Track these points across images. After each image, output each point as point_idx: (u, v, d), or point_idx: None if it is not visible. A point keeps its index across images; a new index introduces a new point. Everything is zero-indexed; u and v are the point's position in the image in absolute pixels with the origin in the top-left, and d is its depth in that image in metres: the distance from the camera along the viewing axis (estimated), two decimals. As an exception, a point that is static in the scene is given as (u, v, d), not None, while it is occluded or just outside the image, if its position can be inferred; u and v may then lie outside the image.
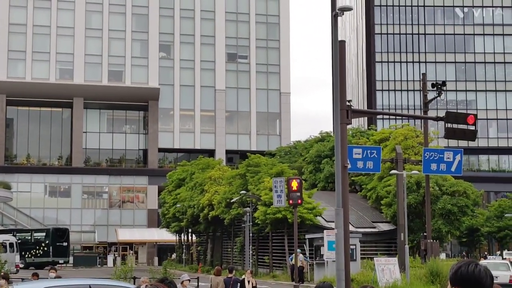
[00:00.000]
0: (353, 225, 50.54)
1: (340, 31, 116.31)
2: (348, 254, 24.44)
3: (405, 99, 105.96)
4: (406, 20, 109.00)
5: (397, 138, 57.53)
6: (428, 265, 39.40)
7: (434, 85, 41.72)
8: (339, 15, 23.28)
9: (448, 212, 54.35)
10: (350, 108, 26.10)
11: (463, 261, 3.89)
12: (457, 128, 33.55)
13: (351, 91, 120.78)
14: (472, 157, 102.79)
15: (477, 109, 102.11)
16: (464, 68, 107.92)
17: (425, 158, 37.91)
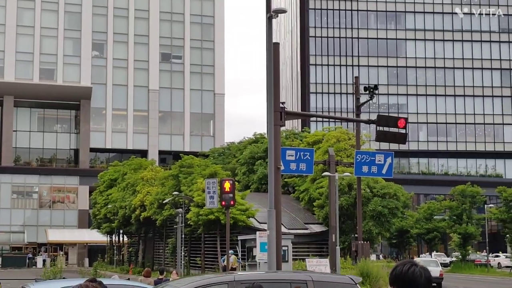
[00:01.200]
0: (286, 227, 50.72)
1: (275, 33, 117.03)
2: (280, 255, 24.50)
3: (338, 102, 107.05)
4: (340, 23, 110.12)
5: (330, 141, 58.01)
6: (358, 266, 39.76)
7: (366, 88, 42.15)
8: (273, 17, 23.33)
9: (378, 214, 55.05)
10: (284, 110, 26.19)
11: (401, 262, 3.95)
12: (388, 131, 34.03)
13: (285, 93, 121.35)
14: (402, 160, 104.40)
15: (408, 112, 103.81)
16: (396, 72, 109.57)
17: (357, 160, 38.33)
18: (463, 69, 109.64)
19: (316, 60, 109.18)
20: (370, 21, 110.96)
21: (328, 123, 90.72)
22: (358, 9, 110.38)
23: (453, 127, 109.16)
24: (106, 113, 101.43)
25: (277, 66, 25.02)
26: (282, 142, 59.01)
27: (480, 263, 76.38)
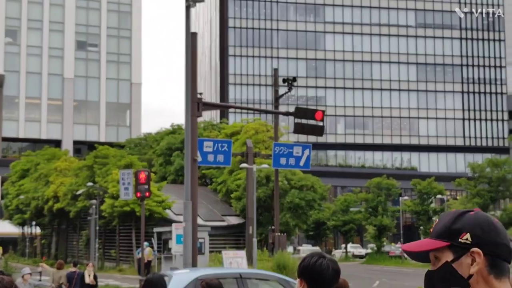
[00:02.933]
0: (202, 219, 50.24)
1: (194, 23, 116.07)
2: (196, 248, 24.05)
3: (257, 94, 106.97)
4: (259, 15, 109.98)
5: (248, 132, 57.78)
6: (275, 258, 39.63)
7: (285, 80, 41.99)
8: (191, 7, 22.87)
9: (296, 206, 55.14)
10: (201, 101, 25.70)
11: (309, 254, 3.95)
12: (306, 123, 33.85)
13: (204, 84, 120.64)
14: (320, 152, 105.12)
15: (326, 105, 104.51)
16: (314, 64, 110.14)
17: (275, 152, 38.09)
18: (380, 63, 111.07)
19: (235, 51, 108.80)
20: (289, 13, 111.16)
21: (247, 115, 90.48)
22: (278, 0, 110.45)
23: (370, 120, 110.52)
24: (19, 102, 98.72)
25: (195, 57, 24.57)
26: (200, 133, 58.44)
27: (395, 255, 77.55)
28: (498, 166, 59.79)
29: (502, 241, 2.28)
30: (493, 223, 2.30)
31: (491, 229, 2.29)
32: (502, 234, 2.29)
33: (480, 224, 2.30)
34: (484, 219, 2.31)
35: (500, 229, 2.30)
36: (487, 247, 2.26)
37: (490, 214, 2.36)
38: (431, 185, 70.14)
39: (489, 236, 2.27)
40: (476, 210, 2.33)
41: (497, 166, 59.78)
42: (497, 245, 2.27)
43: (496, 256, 2.26)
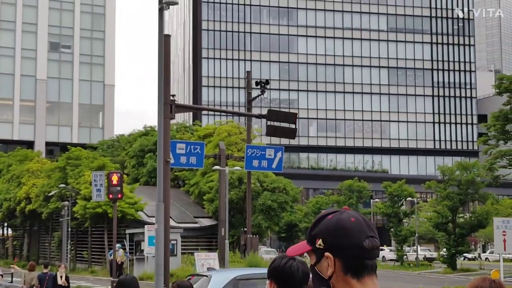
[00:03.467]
0: (175, 220, 50.42)
1: (167, 25, 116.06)
2: (168, 249, 24.25)
3: (230, 96, 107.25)
4: (233, 17, 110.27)
5: (221, 134, 58.03)
6: (247, 260, 39.91)
7: (258, 83, 42.29)
8: (165, 9, 23.02)
9: (268, 208, 55.45)
10: (174, 103, 25.94)
11: (279, 255, 3.97)
12: (279, 126, 34.21)
13: (177, 86, 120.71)
14: (293, 154, 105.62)
15: (299, 108, 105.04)
16: (287, 67, 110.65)
17: (248, 154, 38.41)
18: (352, 66, 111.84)
19: (208, 53, 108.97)
20: (262, 16, 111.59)
21: (220, 117, 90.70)
22: (251, 3, 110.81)
23: (342, 123, 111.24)
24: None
25: (168, 59, 24.76)
26: (172, 135, 58.62)
27: (366, 257, 78.06)
28: (467, 169, 60.42)
29: (351, 243, 2.34)
30: (342, 227, 2.37)
31: (339, 234, 2.35)
32: (352, 237, 2.35)
33: (329, 230, 2.39)
34: (334, 224, 2.38)
35: (350, 232, 2.36)
36: (337, 251, 2.36)
37: (353, 212, 2.45)
38: (402, 187, 70.73)
39: (337, 241, 2.36)
40: (343, 209, 2.46)
41: (466, 169, 60.41)
42: (347, 248, 2.35)
43: (349, 258, 2.36)
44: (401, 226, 71.62)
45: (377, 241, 2.39)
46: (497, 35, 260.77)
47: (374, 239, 2.38)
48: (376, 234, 2.41)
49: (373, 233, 2.39)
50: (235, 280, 15.26)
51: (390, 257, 77.88)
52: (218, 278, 15.78)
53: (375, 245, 2.37)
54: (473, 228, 61.20)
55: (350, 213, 2.43)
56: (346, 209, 2.46)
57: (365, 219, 2.43)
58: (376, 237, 2.39)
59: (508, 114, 49.51)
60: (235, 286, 15.21)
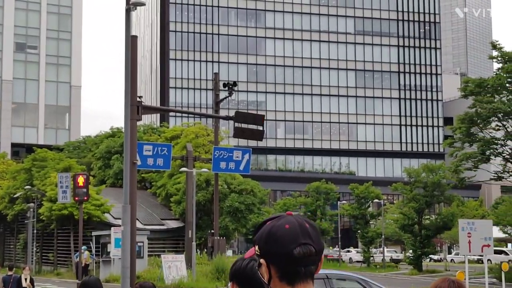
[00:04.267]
0: (141, 222, 50.19)
1: (135, 26, 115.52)
2: (134, 252, 24.14)
3: (198, 98, 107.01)
4: (200, 19, 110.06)
5: (189, 136, 57.92)
6: (214, 262, 39.89)
7: (225, 85, 42.28)
8: (132, 10, 22.93)
9: (235, 209, 55.42)
10: (141, 104, 25.84)
11: (240, 257, 3.92)
12: (246, 128, 34.18)
13: (144, 88, 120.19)
14: (260, 156, 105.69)
15: (267, 110, 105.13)
16: (255, 69, 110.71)
17: (215, 156, 38.39)
18: (320, 68, 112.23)
19: (176, 55, 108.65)
20: (230, 18, 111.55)
21: (187, 119, 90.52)
22: (219, 5, 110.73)
23: (310, 125, 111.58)
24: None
25: (135, 60, 24.66)
26: (139, 136, 58.40)
27: (332, 258, 78.41)
28: (433, 171, 60.91)
29: (281, 251, 2.34)
30: (274, 234, 2.37)
31: (270, 241, 2.36)
32: (281, 245, 2.35)
33: (263, 237, 2.41)
34: (267, 231, 2.39)
35: (280, 239, 2.36)
36: (270, 258, 2.38)
37: (292, 218, 2.43)
38: (369, 189, 71.10)
39: (269, 248, 2.37)
40: (285, 215, 2.45)
41: (432, 171, 60.90)
42: (278, 256, 2.35)
43: (281, 265, 2.37)
44: (368, 228, 71.96)
45: (311, 247, 2.35)
46: (463, 39, 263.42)
47: (307, 246, 2.35)
48: (315, 240, 2.37)
49: (308, 239, 2.36)
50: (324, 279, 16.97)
51: (357, 259, 78.23)
52: None
53: (307, 252, 2.34)
54: (439, 230, 61.69)
55: (288, 219, 2.40)
56: (290, 214, 2.44)
57: (303, 224, 2.39)
58: (311, 244, 2.36)
59: (473, 117, 49.94)
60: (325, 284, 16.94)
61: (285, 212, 3.26)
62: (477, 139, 50.72)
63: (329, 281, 17.15)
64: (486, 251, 30.85)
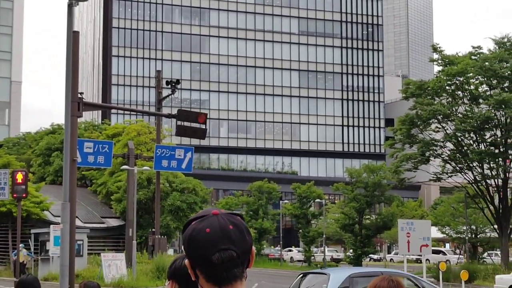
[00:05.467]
0: (81, 220, 49.66)
1: (77, 22, 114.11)
2: (73, 250, 23.85)
3: (141, 95, 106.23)
4: (144, 16, 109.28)
5: (130, 134, 57.45)
6: (155, 260, 39.67)
7: (168, 82, 42.05)
8: (74, 5, 22.64)
9: (177, 208, 55.20)
10: (82, 101, 25.52)
11: (179, 255, 3.86)
12: (189, 126, 34.08)
13: (86, 84, 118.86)
14: (203, 155, 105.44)
15: (210, 109, 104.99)
16: (199, 68, 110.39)
17: (157, 154, 38.15)
18: (264, 68, 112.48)
19: (119, 51, 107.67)
20: (174, 15, 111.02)
21: (130, 116, 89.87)
22: (163, 2, 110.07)
23: (253, 125, 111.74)
24: None
25: (76, 56, 24.34)
26: (80, 133, 57.69)
27: (274, 257, 78.74)
28: (374, 172, 61.62)
29: (200, 256, 2.31)
30: (194, 238, 2.32)
31: (191, 245, 2.32)
32: (201, 250, 2.31)
33: (185, 239, 2.36)
34: (189, 235, 2.34)
35: (200, 244, 2.32)
36: (192, 260, 2.35)
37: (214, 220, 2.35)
38: (311, 189, 71.60)
39: (191, 252, 2.34)
40: (211, 214, 2.38)
41: (373, 171, 61.61)
42: (198, 260, 2.32)
43: (203, 269, 2.33)
44: (309, 227, 72.46)
45: (231, 252, 2.29)
46: (405, 41, 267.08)
47: (227, 251, 2.29)
48: (237, 243, 2.31)
49: (229, 244, 2.30)
50: (350, 277, 17.61)
51: (298, 258, 78.74)
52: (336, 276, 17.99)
53: (227, 258, 2.29)
54: (379, 230, 62.45)
55: (210, 221, 2.34)
56: (215, 213, 2.37)
57: (225, 227, 2.32)
58: (232, 248, 2.29)
59: (413, 118, 50.64)
60: (351, 282, 17.55)
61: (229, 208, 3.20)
62: (417, 141, 51.45)
63: None
64: (424, 251, 31.31)
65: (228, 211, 2.44)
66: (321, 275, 18.78)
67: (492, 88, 49.43)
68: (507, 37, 50.96)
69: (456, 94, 50.86)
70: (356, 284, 17.53)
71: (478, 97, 49.70)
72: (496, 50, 50.09)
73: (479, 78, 49.61)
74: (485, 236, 65.31)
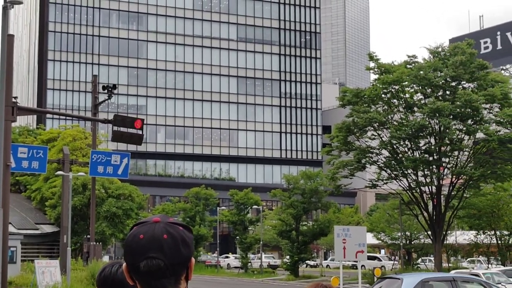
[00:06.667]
0: (15, 226, 48.76)
1: (12, 25, 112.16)
2: (6, 256, 23.46)
3: (77, 100, 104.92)
4: (81, 20, 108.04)
5: (66, 139, 56.72)
6: (89, 267, 39.13)
7: (105, 87, 41.59)
8: (9, 8, 22.38)
9: (112, 215, 54.66)
10: (16, 105, 25.14)
11: (109, 263, 3.84)
12: (126, 131, 33.77)
13: (21, 88, 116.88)
14: (140, 161, 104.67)
15: (147, 114, 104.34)
16: (136, 73, 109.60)
17: (93, 160, 37.71)
18: (202, 74, 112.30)
19: (55, 55, 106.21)
20: (112, 20, 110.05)
21: (65, 121, 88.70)
22: (100, 7, 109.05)
23: (191, 131, 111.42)
24: None
25: (11, 59, 24.02)
26: (14, 138, 56.67)
27: (211, 264, 78.55)
28: (311, 178, 61.98)
29: (132, 262, 2.30)
30: (129, 244, 2.32)
31: (126, 250, 2.32)
32: (131, 256, 2.31)
33: (124, 244, 2.37)
34: (126, 240, 2.35)
35: (132, 251, 2.32)
36: (128, 266, 2.33)
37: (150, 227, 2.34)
38: (248, 195, 71.67)
39: (125, 257, 2.33)
40: (152, 221, 2.37)
41: (310, 178, 61.97)
42: (130, 266, 2.31)
43: (135, 276, 2.32)
44: (247, 234, 72.51)
45: (159, 262, 2.27)
46: (342, 50, 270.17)
47: (154, 260, 2.27)
48: (168, 253, 2.28)
49: (158, 253, 2.27)
50: (422, 282, 18.85)
51: (235, 265, 78.67)
52: (409, 280, 19.29)
53: (153, 267, 2.27)
54: (316, 236, 62.82)
55: (146, 228, 2.32)
56: (156, 221, 2.34)
57: (158, 235, 2.29)
58: (160, 258, 2.27)
59: (350, 126, 51.13)
60: (423, 286, 18.79)
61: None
62: (354, 148, 51.99)
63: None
64: (360, 257, 31.58)
65: (176, 221, 2.42)
66: (395, 280, 20.44)
67: (426, 97, 50.26)
68: (441, 46, 52.00)
69: (391, 102, 51.59)
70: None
71: (413, 105, 50.49)
72: (431, 59, 51.01)
73: (414, 86, 50.44)
74: (419, 242, 66.35)
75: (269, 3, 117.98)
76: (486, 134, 47.31)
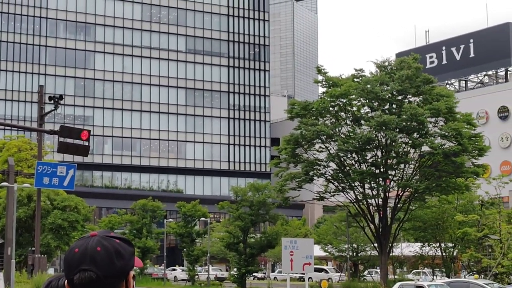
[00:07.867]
0: (-43, 239, 47.67)
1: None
2: None
3: (22, 110, 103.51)
4: (27, 29, 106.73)
5: (11, 150, 55.91)
6: (34, 280, 38.52)
7: (51, 98, 41.05)
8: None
9: (58, 226, 53.95)
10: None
11: (55, 275, 3.67)
12: (72, 143, 33.38)
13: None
14: (86, 172, 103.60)
15: (94, 125, 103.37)
16: (83, 83, 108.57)
17: (38, 171, 37.13)
18: (150, 85, 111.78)
19: (0, 65, 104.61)
20: (59, 30, 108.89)
21: (10, 132, 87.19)
22: (48, 16, 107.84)
23: (138, 142, 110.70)
24: None
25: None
26: (-42, 149, 55.57)
27: (157, 277, 77.96)
28: (259, 190, 61.96)
29: (67, 275, 2.36)
30: (66, 257, 2.40)
31: (63, 263, 2.42)
32: (66, 268, 2.38)
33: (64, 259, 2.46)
34: (64, 255, 2.44)
35: (67, 263, 2.39)
36: (67, 280, 2.38)
37: (84, 242, 2.41)
38: (196, 207, 71.35)
39: (64, 271, 2.41)
40: (89, 236, 2.43)
41: (258, 190, 61.95)
42: (67, 278, 2.37)
43: (70, 286, 2.38)
44: (194, 246, 72.14)
45: (91, 274, 2.30)
46: (291, 62, 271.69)
47: (86, 272, 2.31)
48: (101, 266, 2.31)
49: (91, 265, 2.31)
50: None
51: (182, 277, 78.19)
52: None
53: (85, 279, 2.30)
54: (263, 248, 62.78)
55: (82, 241, 2.38)
56: (93, 235, 2.40)
57: (92, 249, 2.34)
58: (93, 270, 2.30)
59: (298, 138, 51.32)
60: None
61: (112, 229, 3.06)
62: (302, 160, 52.17)
63: None
64: (307, 269, 31.69)
65: (116, 234, 2.45)
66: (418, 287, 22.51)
67: (373, 110, 50.72)
68: (387, 60, 52.58)
69: (339, 115, 51.95)
70: None
71: (360, 118, 50.92)
72: (378, 73, 51.53)
73: (361, 100, 50.87)
74: (366, 254, 66.85)
75: (218, 15, 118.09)
76: (432, 148, 47.95)
